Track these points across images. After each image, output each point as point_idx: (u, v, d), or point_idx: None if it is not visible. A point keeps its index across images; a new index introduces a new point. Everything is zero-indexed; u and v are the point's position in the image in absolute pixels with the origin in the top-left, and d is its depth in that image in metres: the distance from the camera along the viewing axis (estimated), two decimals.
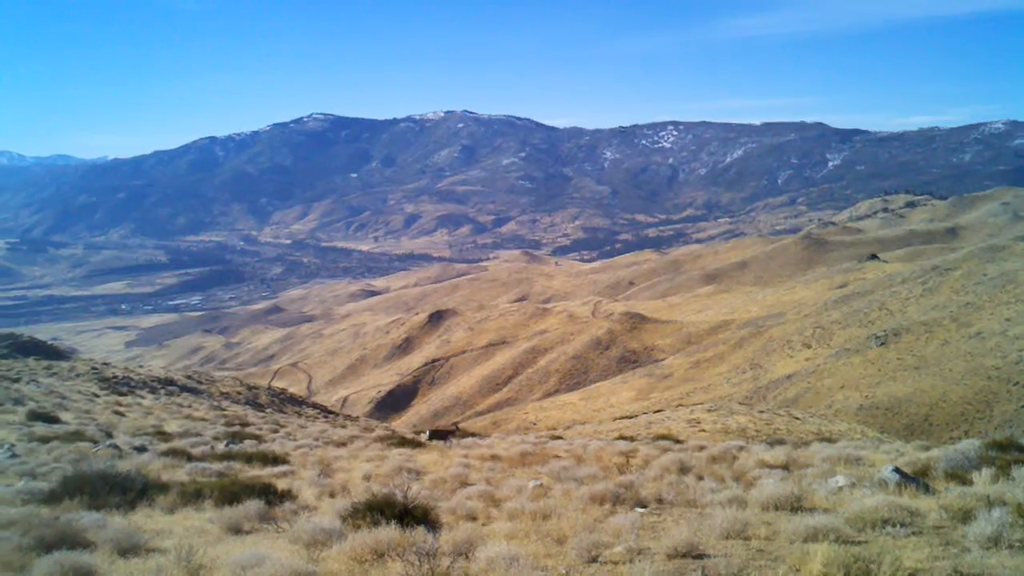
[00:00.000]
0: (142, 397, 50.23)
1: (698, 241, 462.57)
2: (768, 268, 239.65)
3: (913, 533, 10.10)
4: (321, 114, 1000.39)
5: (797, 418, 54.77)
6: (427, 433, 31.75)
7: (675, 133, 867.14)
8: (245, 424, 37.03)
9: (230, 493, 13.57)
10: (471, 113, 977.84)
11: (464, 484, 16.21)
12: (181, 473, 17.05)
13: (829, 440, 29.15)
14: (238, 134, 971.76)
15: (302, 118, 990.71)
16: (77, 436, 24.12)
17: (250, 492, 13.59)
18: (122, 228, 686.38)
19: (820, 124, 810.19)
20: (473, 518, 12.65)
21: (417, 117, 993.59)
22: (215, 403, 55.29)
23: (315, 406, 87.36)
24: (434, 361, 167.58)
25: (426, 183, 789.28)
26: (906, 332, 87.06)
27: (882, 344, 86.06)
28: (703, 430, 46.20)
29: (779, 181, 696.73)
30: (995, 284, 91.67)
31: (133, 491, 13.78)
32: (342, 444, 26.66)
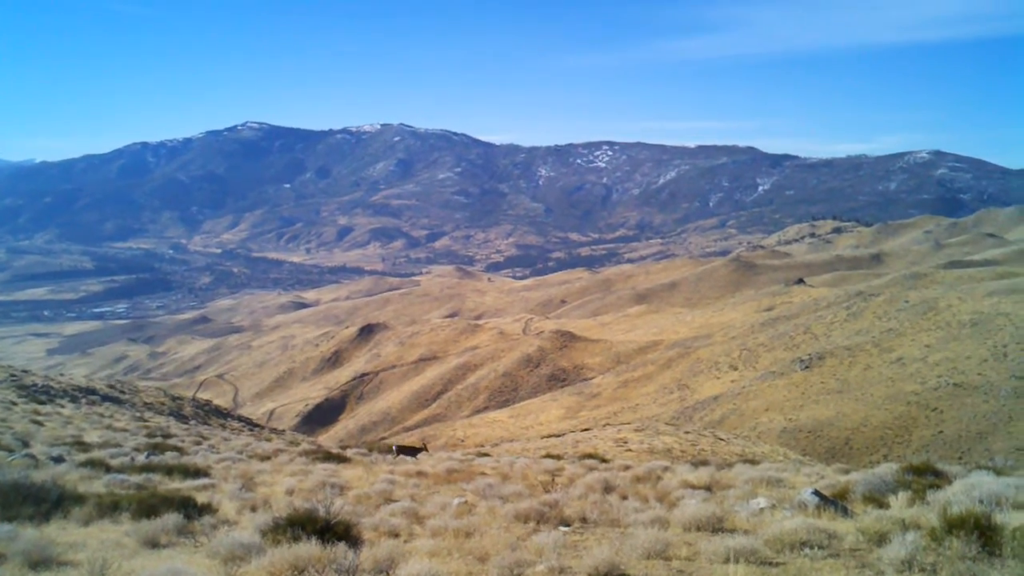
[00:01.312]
0: (62, 406, 49.02)
1: (630, 261, 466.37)
2: (698, 289, 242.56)
3: (830, 555, 10.24)
4: (256, 123, 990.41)
5: (722, 439, 55.40)
6: (395, 449, 31.28)
7: (610, 153, 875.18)
8: (167, 436, 36.32)
9: (148, 506, 13.28)
10: (408, 127, 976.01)
11: (388, 500, 16.10)
12: (99, 484, 16.65)
13: (752, 462, 29.52)
14: (171, 140, 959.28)
15: (236, 126, 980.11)
16: None
17: (169, 505, 13.32)
18: (47, 233, 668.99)
19: (752, 148, 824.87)
20: (396, 535, 12.55)
21: (353, 129, 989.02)
22: (137, 414, 54.18)
23: (240, 419, 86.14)
24: (363, 375, 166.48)
25: (360, 196, 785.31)
26: (830, 356, 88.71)
27: (806, 368, 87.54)
28: (629, 450, 46.47)
29: (710, 203, 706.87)
30: (916, 311, 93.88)
31: (48, 502, 13.43)
32: (266, 458, 26.29)
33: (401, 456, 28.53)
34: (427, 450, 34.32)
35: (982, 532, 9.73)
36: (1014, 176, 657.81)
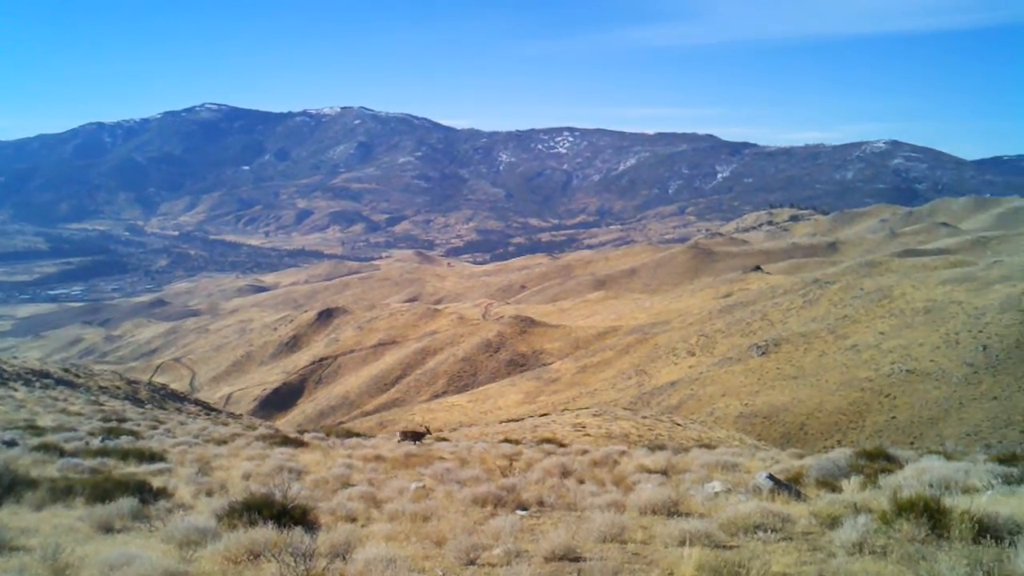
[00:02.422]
0: (15, 390, 48.34)
1: (590, 247, 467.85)
2: (656, 276, 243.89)
3: (783, 539, 10.37)
4: (214, 104, 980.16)
5: (679, 424, 55.83)
6: (398, 435, 31.16)
7: (571, 139, 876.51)
8: (123, 420, 35.94)
9: (103, 490, 13.15)
10: (368, 110, 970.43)
11: (346, 485, 16.05)
12: (52, 469, 16.46)
13: (708, 446, 29.79)
14: (127, 121, 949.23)
15: (194, 107, 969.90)
16: None
17: (124, 489, 13.20)
18: (1, 213, 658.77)
19: (711, 136, 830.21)
20: (353, 519, 12.53)
21: (313, 111, 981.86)
22: (92, 397, 53.55)
23: (197, 403, 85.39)
24: (322, 360, 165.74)
25: (320, 179, 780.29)
26: (786, 343, 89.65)
27: (763, 354, 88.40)
28: (587, 434, 46.69)
29: (670, 190, 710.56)
30: (871, 298, 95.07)
31: None
32: (223, 442, 26.11)
33: (406, 440, 28.62)
34: (431, 433, 34.27)
35: (931, 515, 9.89)
36: (968, 167, 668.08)
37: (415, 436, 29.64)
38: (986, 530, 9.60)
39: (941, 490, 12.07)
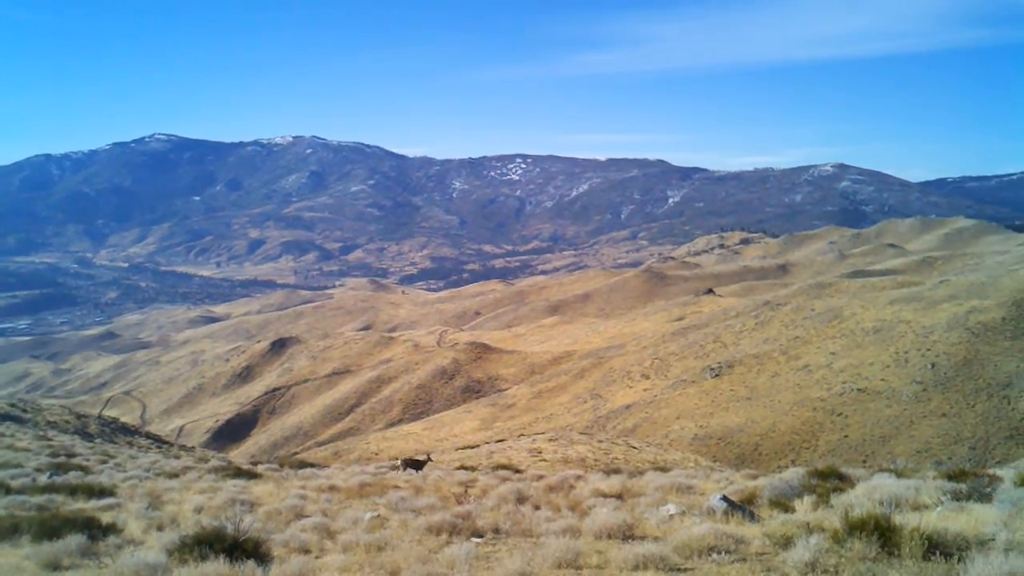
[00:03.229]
0: None
1: (543, 272, 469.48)
2: (610, 300, 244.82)
3: (737, 560, 10.43)
4: (164, 134, 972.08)
5: (634, 447, 55.95)
6: (401, 463, 30.88)
7: (523, 166, 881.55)
8: (71, 455, 35.35)
9: (50, 527, 12.92)
10: (320, 139, 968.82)
11: (299, 516, 15.91)
12: None
13: (663, 469, 29.87)
14: (75, 152, 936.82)
15: (144, 138, 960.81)
16: None
17: (72, 526, 12.98)
18: None
19: (662, 161, 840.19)
20: (306, 551, 12.42)
21: (265, 141, 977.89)
22: (40, 433, 52.59)
23: (149, 436, 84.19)
24: (275, 390, 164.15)
25: (272, 208, 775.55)
26: (739, 364, 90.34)
27: (716, 376, 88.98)
28: (544, 460, 46.64)
29: (622, 216, 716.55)
30: (822, 319, 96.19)
31: None
32: (174, 475, 25.76)
33: (408, 469, 28.53)
34: (432, 461, 34.05)
35: (882, 533, 10.01)
36: (913, 189, 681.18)
37: (416, 464, 29.53)
38: (936, 547, 9.74)
39: (892, 508, 12.21)
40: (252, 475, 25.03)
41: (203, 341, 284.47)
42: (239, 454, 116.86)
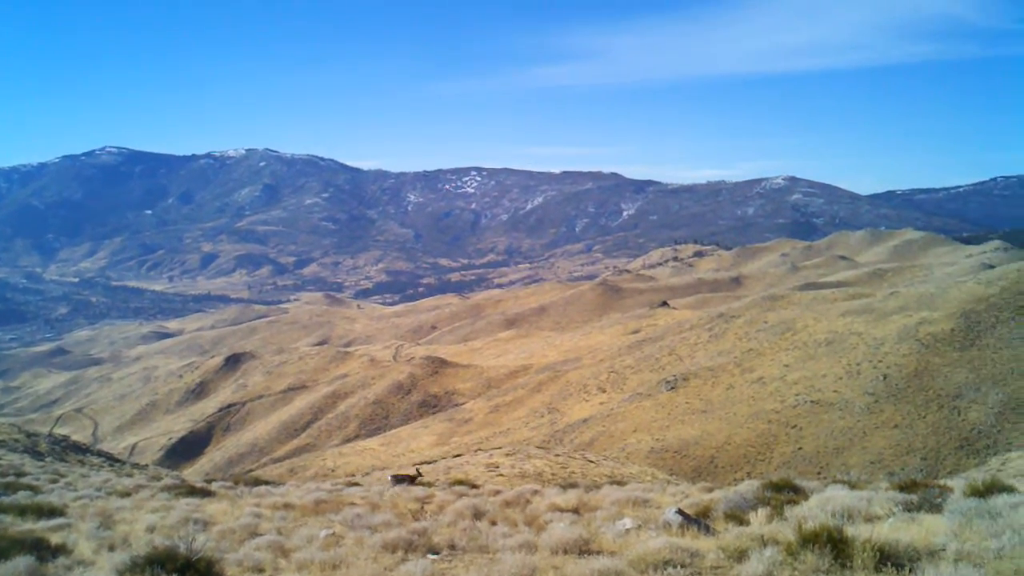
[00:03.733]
0: None
1: (499, 286, 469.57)
2: (566, 313, 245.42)
3: (692, 574, 10.48)
4: (115, 147, 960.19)
5: (591, 461, 56.03)
6: (390, 479, 30.70)
7: (478, 179, 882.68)
8: (20, 474, 34.75)
9: None
10: (273, 151, 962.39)
11: (254, 534, 15.75)
12: None
13: (620, 483, 29.98)
14: (24, 165, 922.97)
15: (94, 151, 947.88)
16: None
17: (20, 548, 12.75)
18: None
19: (616, 174, 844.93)
20: (260, 570, 12.31)
21: (217, 154, 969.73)
22: None
23: (101, 454, 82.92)
24: (230, 406, 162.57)
25: (225, 222, 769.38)
26: (694, 377, 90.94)
27: (672, 388, 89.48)
28: (501, 475, 46.55)
29: (577, 228, 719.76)
30: (775, 331, 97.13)
31: None
32: (127, 494, 25.41)
33: (399, 485, 28.50)
34: (422, 476, 33.99)
35: (835, 545, 10.10)
36: (863, 201, 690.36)
37: (407, 479, 29.44)
38: (887, 558, 9.84)
39: (844, 520, 12.33)
40: (206, 493, 24.75)
41: (156, 357, 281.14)
42: (193, 472, 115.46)
